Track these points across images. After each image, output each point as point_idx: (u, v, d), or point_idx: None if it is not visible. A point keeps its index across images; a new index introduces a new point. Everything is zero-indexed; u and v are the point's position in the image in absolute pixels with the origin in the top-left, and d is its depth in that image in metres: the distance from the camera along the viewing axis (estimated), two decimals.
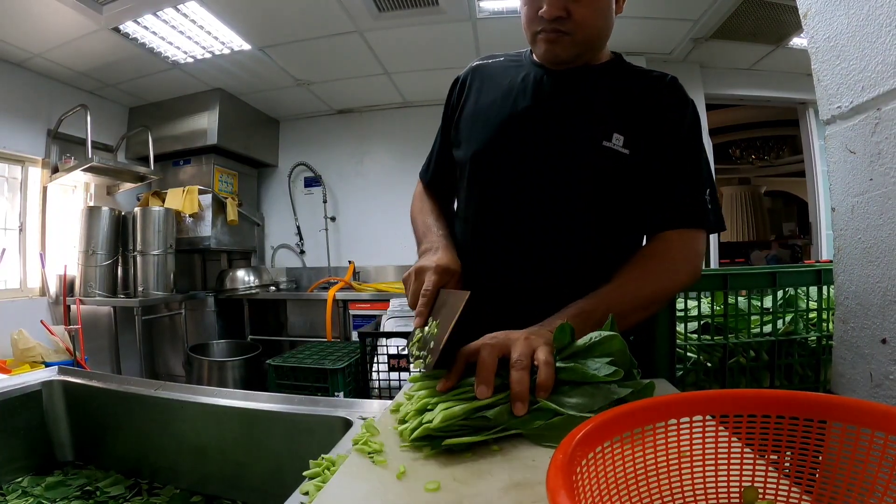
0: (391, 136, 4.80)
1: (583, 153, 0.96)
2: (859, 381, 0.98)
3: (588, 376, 0.65)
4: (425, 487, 0.52)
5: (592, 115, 0.98)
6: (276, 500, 0.58)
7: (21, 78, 3.52)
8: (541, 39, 0.95)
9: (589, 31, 0.94)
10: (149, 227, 3.81)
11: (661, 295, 0.94)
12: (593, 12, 0.92)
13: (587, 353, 0.69)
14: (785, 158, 7.51)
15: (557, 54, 0.96)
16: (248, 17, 3.17)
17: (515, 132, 1.00)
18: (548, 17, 0.90)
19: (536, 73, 1.03)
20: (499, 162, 1.01)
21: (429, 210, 1.15)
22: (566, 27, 0.92)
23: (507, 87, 1.05)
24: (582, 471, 0.38)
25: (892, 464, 0.38)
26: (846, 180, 0.99)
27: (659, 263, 0.94)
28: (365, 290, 4.21)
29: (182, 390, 1.06)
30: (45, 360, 3.09)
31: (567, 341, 0.71)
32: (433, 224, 1.09)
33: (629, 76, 1.03)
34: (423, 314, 0.81)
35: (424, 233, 1.08)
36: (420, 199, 1.22)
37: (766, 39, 3.64)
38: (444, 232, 1.05)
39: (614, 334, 0.69)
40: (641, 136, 0.96)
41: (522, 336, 0.71)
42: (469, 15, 3.21)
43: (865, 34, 0.90)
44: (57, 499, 0.99)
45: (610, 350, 0.68)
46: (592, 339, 0.69)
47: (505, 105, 1.03)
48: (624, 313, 0.85)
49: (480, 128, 1.04)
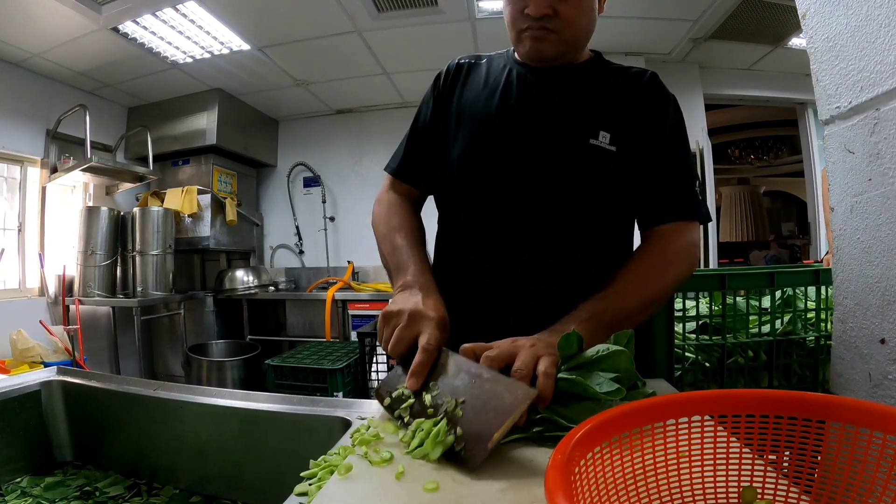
0: (390, 136, 4.79)
1: (570, 151, 0.97)
2: (858, 381, 0.98)
3: (589, 393, 0.63)
4: (424, 488, 0.52)
5: (578, 113, 0.99)
6: (275, 500, 0.58)
7: (20, 78, 3.52)
8: (527, 37, 0.95)
9: (574, 30, 0.94)
10: (148, 228, 3.81)
11: (666, 289, 0.94)
12: (579, 11, 0.92)
13: (593, 366, 0.67)
14: (784, 158, 7.52)
15: (543, 52, 0.96)
16: (247, 17, 3.17)
17: (502, 131, 1.00)
18: (535, 14, 0.90)
19: (520, 71, 1.04)
20: (486, 160, 1.00)
21: (400, 228, 1.03)
22: (552, 25, 0.92)
23: (491, 85, 1.05)
24: (580, 471, 0.38)
25: (890, 463, 0.39)
26: (845, 180, 0.99)
27: (660, 258, 0.94)
28: (364, 290, 4.21)
29: (181, 390, 1.05)
30: (43, 361, 3.08)
31: (574, 351, 0.68)
32: (409, 251, 0.97)
33: (610, 74, 1.04)
34: (420, 375, 0.70)
35: (400, 262, 0.95)
36: (387, 208, 1.09)
37: (765, 40, 3.65)
38: (425, 266, 0.94)
39: (623, 350, 0.67)
40: (627, 133, 0.97)
41: (528, 344, 0.70)
42: (468, 15, 3.21)
43: (864, 34, 0.90)
44: (56, 499, 0.99)
45: (617, 366, 0.66)
46: (600, 353, 0.67)
47: (490, 103, 1.02)
48: (634, 312, 0.86)
49: (468, 127, 1.03)
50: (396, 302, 0.82)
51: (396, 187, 1.14)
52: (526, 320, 0.80)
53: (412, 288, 0.86)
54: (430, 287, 0.87)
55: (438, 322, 0.76)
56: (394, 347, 0.76)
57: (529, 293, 0.98)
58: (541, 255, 0.98)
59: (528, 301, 0.97)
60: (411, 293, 0.84)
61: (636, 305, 0.86)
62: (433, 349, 0.71)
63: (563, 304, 0.85)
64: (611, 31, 3.42)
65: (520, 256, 0.98)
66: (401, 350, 0.75)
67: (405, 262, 0.94)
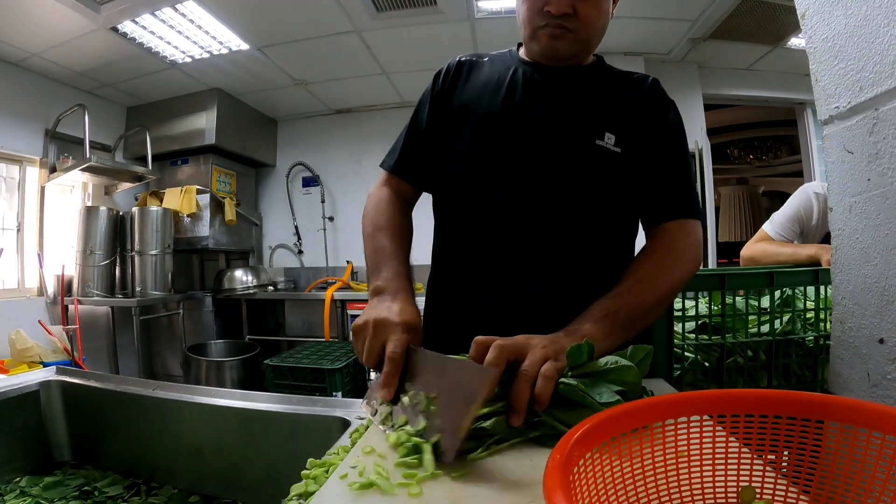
0: (389, 136, 4.67)
1: (576, 151, 0.97)
2: (857, 381, 0.98)
3: (587, 402, 0.63)
4: (412, 492, 0.51)
5: (584, 114, 0.99)
6: (273, 500, 0.58)
7: (19, 77, 3.52)
8: (543, 34, 0.95)
9: (590, 30, 0.95)
10: (147, 227, 3.80)
11: (676, 286, 0.94)
12: (598, 12, 0.94)
13: (600, 377, 0.67)
14: (783, 158, 7.51)
15: (558, 50, 0.96)
16: (247, 16, 3.17)
17: (507, 129, 0.99)
18: (556, 12, 0.90)
19: (526, 70, 1.03)
20: (490, 159, 1.00)
21: (385, 228, 1.02)
22: (571, 24, 0.93)
23: (496, 83, 1.04)
24: (579, 471, 0.38)
25: (889, 463, 0.39)
26: (844, 180, 0.99)
27: (668, 255, 0.94)
28: (363, 290, 4.19)
29: (180, 390, 1.05)
30: (42, 361, 3.07)
31: (584, 360, 0.68)
32: (389, 252, 0.96)
33: (613, 78, 1.06)
34: (391, 385, 0.70)
35: (378, 264, 0.95)
36: (376, 205, 1.08)
37: (765, 40, 3.65)
38: (402, 269, 0.93)
39: (631, 366, 0.67)
40: (630, 136, 0.98)
41: (540, 344, 0.69)
42: (467, 15, 3.21)
43: (863, 34, 0.90)
44: (55, 499, 0.99)
45: (624, 379, 0.66)
46: (608, 364, 0.67)
47: (495, 101, 1.02)
48: (647, 310, 0.86)
49: (472, 125, 1.03)
50: (364, 313, 0.82)
51: (391, 184, 1.13)
52: (526, 321, 0.80)
53: (382, 294, 0.86)
54: (399, 290, 0.86)
55: (404, 327, 0.76)
56: (367, 359, 0.77)
57: (530, 294, 0.98)
58: (541, 256, 0.98)
59: (529, 302, 0.97)
60: (380, 300, 0.84)
61: (649, 303, 0.87)
62: (398, 357, 0.71)
63: (563, 305, 0.85)
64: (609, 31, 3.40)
65: (521, 257, 0.98)
66: (373, 360, 0.76)
67: (382, 265, 0.94)
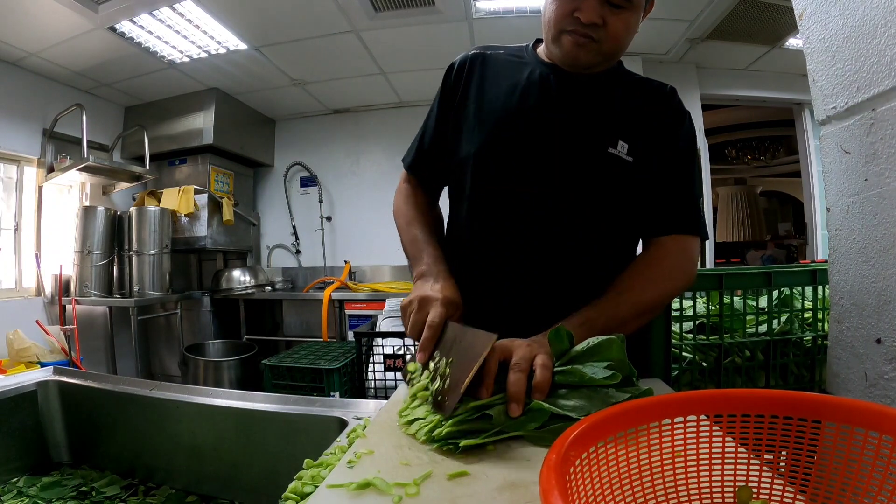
0: (387, 136, 4.79)
1: (588, 158, 0.96)
2: (854, 381, 0.98)
3: (585, 379, 0.65)
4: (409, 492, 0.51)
5: (599, 121, 0.98)
6: (271, 499, 0.58)
7: (16, 77, 3.50)
8: (567, 40, 0.92)
9: (615, 44, 0.93)
10: (144, 227, 3.80)
11: (659, 301, 0.95)
12: (626, 27, 0.91)
13: (585, 358, 0.69)
14: (780, 159, 7.53)
15: (579, 58, 0.94)
16: (245, 16, 3.16)
17: (521, 131, 0.98)
18: (585, 20, 0.88)
19: (543, 72, 1.01)
20: (503, 160, 0.99)
21: (417, 219, 1.10)
22: (597, 34, 0.90)
23: (511, 83, 1.02)
24: (575, 471, 0.38)
25: (886, 463, 0.39)
26: (841, 180, 1.00)
27: (657, 270, 0.94)
28: (361, 290, 4.20)
29: (178, 390, 1.05)
30: (40, 361, 3.07)
31: (565, 347, 0.72)
32: (425, 240, 1.04)
33: (631, 84, 1.03)
34: (427, 348, 0.79)
35: (417, 252, 1.03)
36: (405, 200, 1.16)
37: (762, 40, 3.65)
38: (439, 253, 1.01)
39: (613, 338, 0.69)
40: (643, 145, 0.97)
41: (525, 343, 0.74)
42: (465, 15, 3.20)
43: (860, 35, 0.91)
44: (53, 499, 0.99)
45: (609, 356, 0.68)
46: (590, 344, 0.70)
47: (510, 102, 1.00)
48: (626, 320, 0.87)
49: (484, 124, 1.01)
50: (411, 293, 0.92)
51: (412, 178, 1.19)
52: (521, 325, 0.81)
53: (425, 276, 0.95)
54: (440, 272, 0.95)
55: (444, 301, 0.84)
56: (411, 331, 0.86)
57: (531, 298, 0.98)
58: (543, 261, 0.97)
59: (527, 305, 0.97)
60: (423, 281, 0.94)
61: (628, 314, 0.88)
62: (436, 325, 0.80)
63: (561, 311, 0.86)
64: None
65: (522, 261, 0.98)
66: (416, 333, 0.84)
67: (420, 252, 1.02)
